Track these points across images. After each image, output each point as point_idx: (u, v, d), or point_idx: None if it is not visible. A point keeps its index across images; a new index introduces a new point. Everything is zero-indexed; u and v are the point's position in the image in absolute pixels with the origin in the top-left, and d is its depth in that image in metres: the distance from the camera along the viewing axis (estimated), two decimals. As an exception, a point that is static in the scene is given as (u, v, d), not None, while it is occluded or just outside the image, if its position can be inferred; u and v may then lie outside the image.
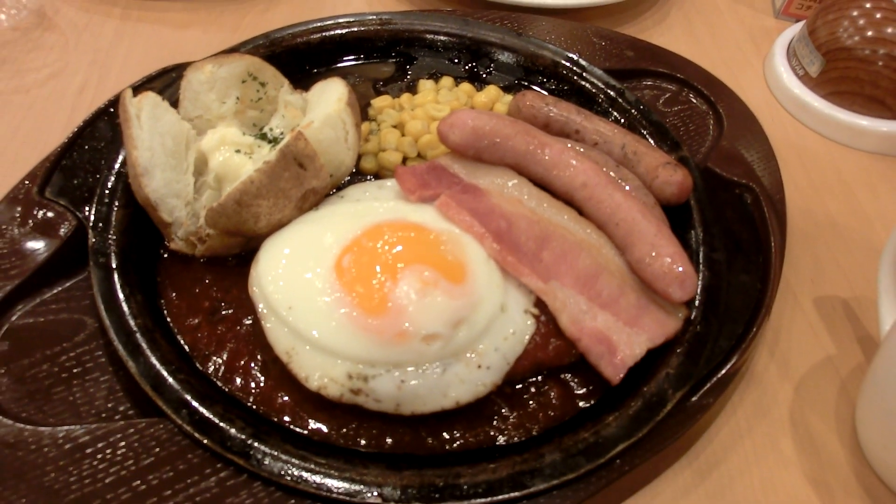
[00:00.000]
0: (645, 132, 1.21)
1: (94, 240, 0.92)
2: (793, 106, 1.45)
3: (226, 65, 1.01)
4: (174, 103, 1.05)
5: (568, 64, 1.31)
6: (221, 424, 0.78)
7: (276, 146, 0.95)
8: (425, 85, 1.28)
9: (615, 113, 1.26)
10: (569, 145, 1.08)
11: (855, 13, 1.37)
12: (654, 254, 0.91)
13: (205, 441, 0.77)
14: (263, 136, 1.03)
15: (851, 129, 1.37)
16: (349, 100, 0.98)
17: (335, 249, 0.85)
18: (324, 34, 1.32)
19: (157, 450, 0.77)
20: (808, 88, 1.43)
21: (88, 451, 0.77)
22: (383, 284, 0.81)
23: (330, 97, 0.99)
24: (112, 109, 1.10)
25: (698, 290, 0.96)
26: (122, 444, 0.77)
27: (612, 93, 1.27)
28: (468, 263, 0.86)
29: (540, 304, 0.90)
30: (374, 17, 1.36)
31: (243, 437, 0.77)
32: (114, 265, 0.90)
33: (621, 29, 1.61)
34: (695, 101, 1.33)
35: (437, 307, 0.81)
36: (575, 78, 1.31)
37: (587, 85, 1.29)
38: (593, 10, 1.62)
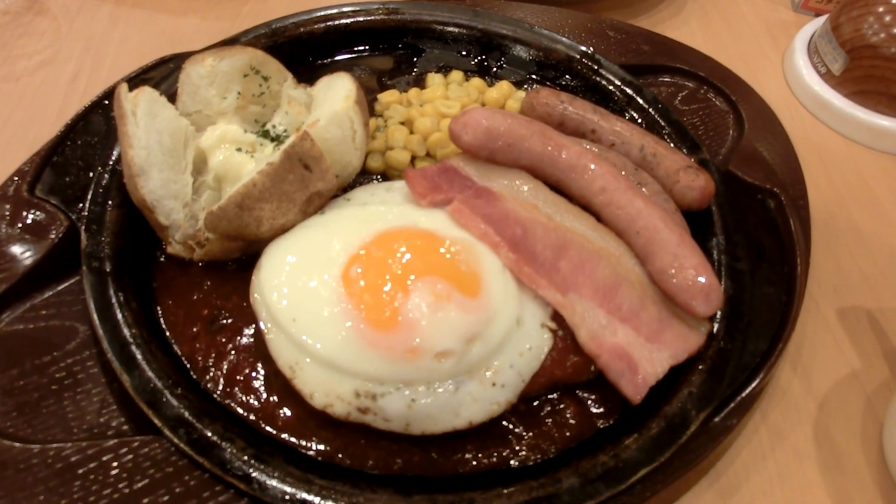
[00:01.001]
0: (663, 132, 1.16)
1: (86, 242, 0.87)
2: (813, 105, 1.40)
3: (227, 58, 0.96)
4: (172, 95, 1.00)
5: (583, 59, 1.26)
6: (221, 444, 0.74)
7: (280, 146, 0.90)
8: (434, 79, 1.22)
9: (632, 111, 1.20)
10: (587, 147, 1.03)
11: (881, 9, 1.31)
12: (676, 265, 0.87)
13: (203, 462, 0.73)
14: (266, 134, 0.97)
15: (875, 130, 1.32)
16: (357, 97, 0.93)
17: (342, 258, 0.80)
18: (328, 24, 1.26)
19: (152, 471, 0.73)
20: (830, 87, 1.38)
21: (80, 471, 0.73)
22: (394, 297, 0.76)
23: (337, 93, 0.94)
24: (106, 101, 1.05)
25: (721, 303, 0.92)
26: (115, 464, 0.73)
27: (629, 90, 1.22)
28: (483, 275, 0.82)
29: (557, 317, 0.85)
30: (381, 5, 1.30)
31: (244, 458, 0.73)
32: (108, 270, 0.85)
33: (636, 21, 1.56)
34: (714, 99, 1.28)
35: (451, 322, 0.76)
36: (590, 74, 1.25)
37: (603, 81, 1.24)
38: (607, 1, 1.57)
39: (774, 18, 1.64)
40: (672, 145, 1.13)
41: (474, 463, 0.79)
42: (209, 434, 0.74)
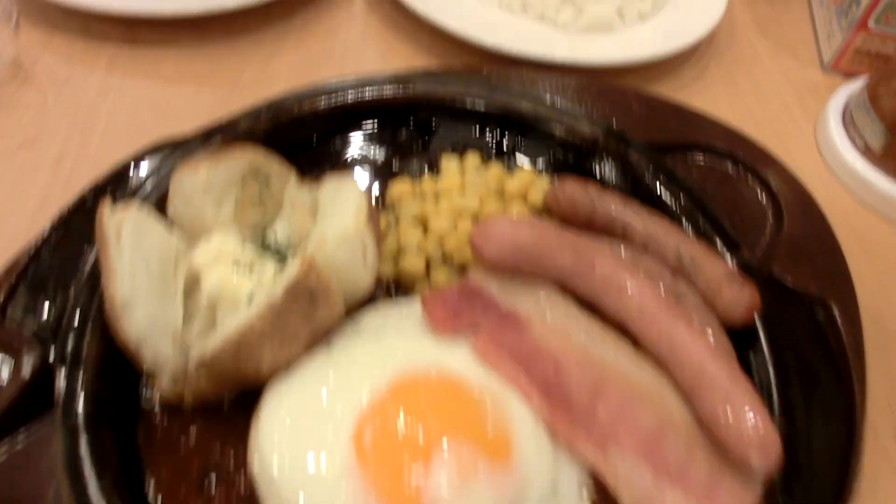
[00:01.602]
0: (699, 226, 1.06)
1: (62, 385, 0.76)
2: (853, 183, 1.30)
3: (223, 164, 0.86)
4: (163, 195, 0.91)
5: (609, 139, 1.16)
6: None
7: (282, 269, 0.80)
8: (449, 165, 1.12)
9: (664, 200, 1.11)
10: (622, 256, 0.94)
11: (923, 82, 1.23)
12: (728, 407, 0.77)
13: None
14: (267, 247, 0.88)
15: (923, 216, 1.23)
16: (369, 213, 0.83)
17: (352, 416, 0.70)
18: (333, 99, 1.17)
19: None
20: (871, 164, 1.29)
21: None
22: (413, 472, 0.66)
23: (345, 208, 0.84)
24: (89, 204, 0.94)
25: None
26: None
27: (660, 175, 1.12)
28: (514, 433, 0.72)
29: (595, 474, 0.75)
30: (390, 77, 1.20)
31: None
32: (83, 422, 0.74)
33: (658, 86, 1.47)
34: (750, 183, 1.18)
35: (478, 500, 0.66)
36: (616, 156, 1.16)
37: (631, 165, 1.14)
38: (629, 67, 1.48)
39: (803, 79, 1.56)
40: (709, 242, 1.04)
41: None
42: None
